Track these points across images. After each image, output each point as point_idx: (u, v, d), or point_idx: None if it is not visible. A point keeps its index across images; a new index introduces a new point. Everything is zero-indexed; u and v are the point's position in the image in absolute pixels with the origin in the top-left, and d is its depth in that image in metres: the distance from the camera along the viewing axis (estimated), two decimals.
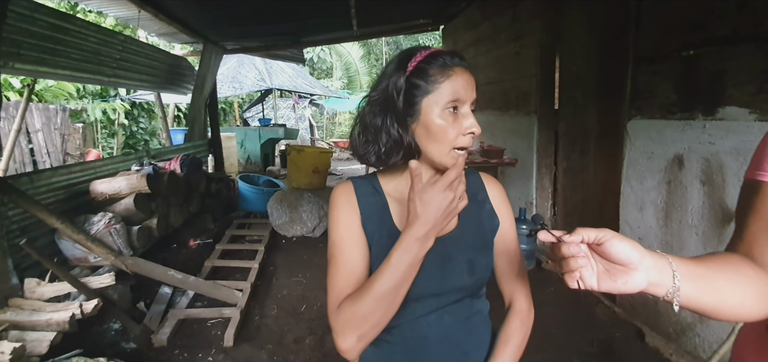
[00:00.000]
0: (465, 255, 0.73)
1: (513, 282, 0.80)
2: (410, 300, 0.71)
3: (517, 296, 0.80)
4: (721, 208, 1.78)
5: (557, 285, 2.79)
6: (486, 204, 0.79)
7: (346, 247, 0.71)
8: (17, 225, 2.38)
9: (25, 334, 1.90)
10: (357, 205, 0.74)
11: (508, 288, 0.81)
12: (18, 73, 3.51)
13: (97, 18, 6.75)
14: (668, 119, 2.00)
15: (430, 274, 0.71)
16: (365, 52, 15.71)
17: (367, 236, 0.72)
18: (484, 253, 0.76)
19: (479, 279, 0.75)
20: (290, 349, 2.25)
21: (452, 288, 0.73)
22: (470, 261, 0.73)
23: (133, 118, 8.30)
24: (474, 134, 0.68)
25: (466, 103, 0.68)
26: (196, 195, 3.94)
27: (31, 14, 2.56)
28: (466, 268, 0.73)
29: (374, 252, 0.72)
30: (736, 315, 0.53)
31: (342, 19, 4.45)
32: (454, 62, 0.68)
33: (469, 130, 0.67)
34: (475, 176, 0.82)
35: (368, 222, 0.73)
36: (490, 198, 0.80)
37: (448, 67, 0.67)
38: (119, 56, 3.66)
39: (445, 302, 0.73)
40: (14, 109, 5.39)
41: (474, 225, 0.76)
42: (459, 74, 0.67)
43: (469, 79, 0.69)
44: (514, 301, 0.80)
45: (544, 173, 3.28)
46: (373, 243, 0.72)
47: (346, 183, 0.77)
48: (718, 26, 1.74)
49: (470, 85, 0.68)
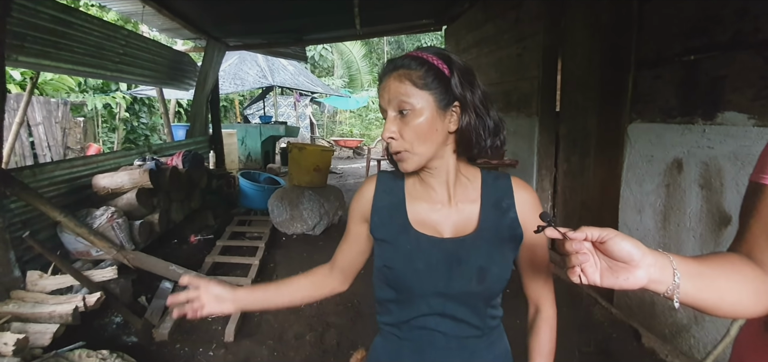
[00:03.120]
0: (477, 261, 0.71)
1: (541, 287, 0.80)
2: (416, 297, 0.73)
3: (545, 302, 0.80)
4: (718, 212, 1.80)
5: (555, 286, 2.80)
6: (510, 211, 0.74)
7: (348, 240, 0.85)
8: (19, 218, 2.39)
9: (27, 326, 1.91)
10: (371, 199, 0.79)
11: (535, 293, 0.80)
12: (22, 66, 3.51)
13: (99, 12, 6.74)
14: (668, 123, 2.02)
15: (437, 273, 0.71)
16: (367, 51, 15.72)
17: (372, 228, 0.78)
18: (499, 264, 0.72)
19: (489, 289, 0.72)
20: (290, 345, 2.26)
21: (459, 291, 0.72)
22: (481, 268, 0.71)
23: (134, 113, 8.30)
24: (384, 140, 0.71)
25: (386, 110, 0.71)
26: (197, 191, 3.96)
27: (35, 7, 2.56)
28: (476, 275, 0.71)
29: (383, 240, 0.76)
30: (734, 312, 0.55)
31: (345, 17, 4.46)
32: (381, 74, 0.73)
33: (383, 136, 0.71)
34: (504, 180, 0.78)
35: (377, 214, 0.78)
36: (516, 205, 0.75)
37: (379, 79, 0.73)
38: (122, 51, 3.67)
39: (453, 306, 0.73)
40: (15, 101, 5.39)
41: (492, 231, 0.73)
42: (380, 86, 0.72)
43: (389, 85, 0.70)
44: (541, 308, 0.80)
45: (544, 175, 3.30)
46: (380, 234, 0.77)
47: (371, 178, 0.83)
48: (719, 32, 1.76)
49: (386, 93, 0.70)
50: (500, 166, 3.41)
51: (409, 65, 0.69)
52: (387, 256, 0.75)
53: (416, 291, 0.72)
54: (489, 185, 0.76)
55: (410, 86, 0.68)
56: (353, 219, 0.83)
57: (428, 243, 0.73)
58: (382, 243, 0.76)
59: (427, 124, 0.68)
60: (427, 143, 0.69)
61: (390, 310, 0.77)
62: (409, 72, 0.68)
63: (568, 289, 2.73)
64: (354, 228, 0.83)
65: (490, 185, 0.76)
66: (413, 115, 0.68)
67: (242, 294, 0.82)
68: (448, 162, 0.73)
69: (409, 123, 0.68)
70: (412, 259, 0.72)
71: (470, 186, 0.76)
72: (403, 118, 0.69)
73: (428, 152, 0.70)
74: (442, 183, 0.74)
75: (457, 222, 0.74)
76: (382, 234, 0.76)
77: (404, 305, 0.75)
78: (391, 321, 0.77)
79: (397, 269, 0.73)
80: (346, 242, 0.85)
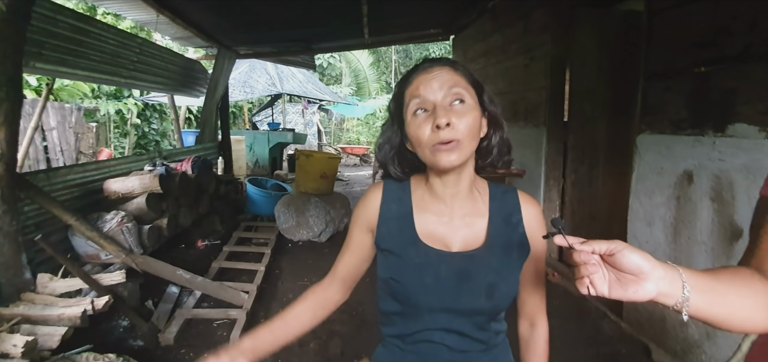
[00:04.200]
0: (486, 277, 0.70)
1: (538, 302, 0.80)
2: (423, 311, 0.72)
3: (541, 318, 0.81)
4: (730, 225, 1.77)
5: (563, 299, 2.77)
6: (519, 228, 0.73)
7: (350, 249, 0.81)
8: (32, 221, 2.43)
9: (36, 328, 1.93)
10: (378, 208, 0.76)
11: (531, 308, 0.81)
12: (39, 73, 3.60)
13: (115, 20, 6.91)
14: (678, 135, 2.00)
15: (446, 288, 0.70)
16: (374, 59, 15.84)
17: (377, 238, 0.76)
18: (508, 281, 0.72)
19: (497, 305, 0.72)
20: (294, 353, 2.26)
21: (467, 308, 0.71)
22: (491, 285, 0.70)
23: (146, 119, 8.44)
24: (440, 127, 0.64)
25: (433, 102, 0.67)
26: (205, 197, 3.99)
27: (53, 16, 2.64)
28: (485, 291, 0.70)
29: (389, 252, 0.74)
30: (745, 326, 0.54)
31: (354, 26, 4.51)
32: (420, 68, 0.71)
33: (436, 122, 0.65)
34: (512, 194, 0.77)
35: (384, 224, 0.75)
36: (524, 221, 0.74)
37: (415, 73, 0.71)
38: (136, 58, 3.75)
39: (459, 321, 0.71)
40: (30, 107, 5.52)
41: (502, 248, 0.72)
42: (424, 77, 0.69)
43: (440, 76, 0.68)
44: (537, 323, 0.81)
45: (551, 185, 3.28)
46: (386, 245, 0.74)
47: (377, 185, 0.80)
48: (729, 44, 1.74)
49: (437, 82, 0.67)
50: (508, 176, 3.39)
51: (455, 64, 0.71)
52: (394, 269, 0.72)
53: (423, 306, 0.71)
54: (497, 199, 0.76)
55: (464, 79, 0.69)
56: (358, 227, 0.79)
57: (437, 257, 0.71)
58: (389, 255, 0.74)
59: (477, 120, 0.69)
60: (474, 140, 0.69)
61: (394, 322, 0.76)
62: (460, 68, 0.71)
63: (576, 302, 2.70)
64: (358, 236, 0.79)
65: (499, 199, 0.76)
66: (468, 108, 0.67)
67: (248, 345, 0.76)
68: (470, 170, 0.73)
69: (464, 115, 0.66)
70: (420, 273, 0.70)
71: (480, 199, 0.75)
72: (458, 109, 0.67)
73: (472, 150, 0.69)
74: (456, 193, 0.73)
75: (466, 236, 0.73)
76: (389, 246, 0.74)
77: (409, 318, 0.73)
78: (395, 333, 0.76)
79: (405, 282, 0.71)
80: (348, 251, 0.81)
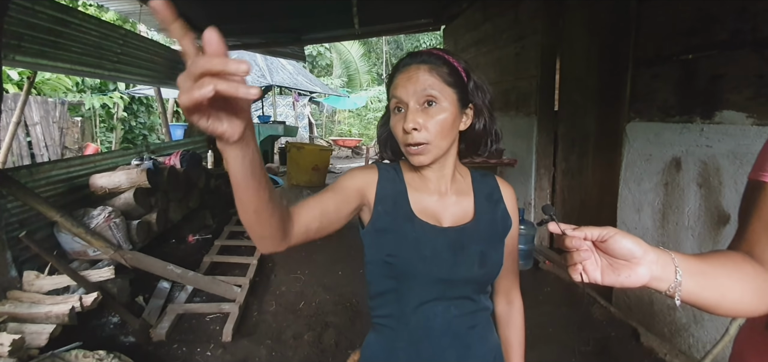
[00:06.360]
0: (478, 246, 0.75)
1: (512, 279, 0.87)
2: (418, 284, 0.74)
3: (516, 294, 0.88)
4: (717, 211, 1.80)
5: (554, 285, 2.81)
6: (501, 204, 0.81)
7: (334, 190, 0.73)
8: (16, 218, 2.37)
9: (24, 326, 1.90)
10: (375, 186, 0.77)
11: (506, 284, 0.87)
12: (19, 66, 3.49)
13: (97, 12, 6.73)
14: (666, 122, 2.02)
15: (442, 260, 0.73)
16: (365, 50, 15.71)
17: (374, 217, 0.76)
18: (497, 249, 0.78)
19: (489, 272, 0.77)
20: (288, 345, 2.26)
21: (462, 278, 0.74)
22: (482, 252, 0.75)
23: (132, 113, 8.28)
24: (406, 131, 0.69)
25: (406, 103, 0.70)
26: (195, 191, 3.95)
27: (32, 6, 2.55)
28: (478, 259, 0.75)
29: (385, 230, 0.75)
30: (736, 310, 0.55)
31: (344, 17, 4.46)
32: (401, 64, 0.73)
33: (404, 126, 0.70)
34: (490, 178, 0.85)
35: (380, 203, 0.76)
36: (504, 200, 0.82)
37: (396, 71, 0.74)
38: (120, 50, 3.66)
39: (452, 293, 0.75)
40: (12, 101, 5.37)
41: (488, 220, 0.79)
42: (402, 77, 0.71)
43: (415, 76, 0.70)
44: (513, 300, 0.88)
45: (542, 174, 3.30)
46: (382, 224, 0.75)
47: (372, 166, 0.81)
48: (717, 30, 1.76)
49: (412, 84, 0.70)
50: (499, 166, 3.40)
51: (435, 61, 0.72)
52: (390, 246, 0.74)
53: (420, 279, 0.73)
54: (478, 181, 0.83)
55: (439, 80, 0.70)
56: (353, 179, 0.75)
57: (433, 231, 0.75)
58: (384, 234, 0.74)
59: (450, 119, 0.71)
60: (446, 138, 0.72)
61: (388, 302, 0.77)
62: (436, 67, 0.71)
63: (566, 288, 2.74)
64: (350, 185, 0.74)
65: (479, 181, 0.83)
66: (439, 109, 0.70)
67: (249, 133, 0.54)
68: (452, 159, 0.78)
69: (435, 116, 0.70)
70: (418, 246, 0.73)
71: (463, 181, 0.82)
72: (428, 111, 0.70)
73: (445, 147, 0.73)
74: (441, 177, 0.78)
75: (456, 212, 0.78)
76: (385, 224, 0.75)
77: (404, 295, 0.75)
78: (388, 313, 0.77)
79: (403, 257, 0.73)
80: (331, 190, 0.72)
